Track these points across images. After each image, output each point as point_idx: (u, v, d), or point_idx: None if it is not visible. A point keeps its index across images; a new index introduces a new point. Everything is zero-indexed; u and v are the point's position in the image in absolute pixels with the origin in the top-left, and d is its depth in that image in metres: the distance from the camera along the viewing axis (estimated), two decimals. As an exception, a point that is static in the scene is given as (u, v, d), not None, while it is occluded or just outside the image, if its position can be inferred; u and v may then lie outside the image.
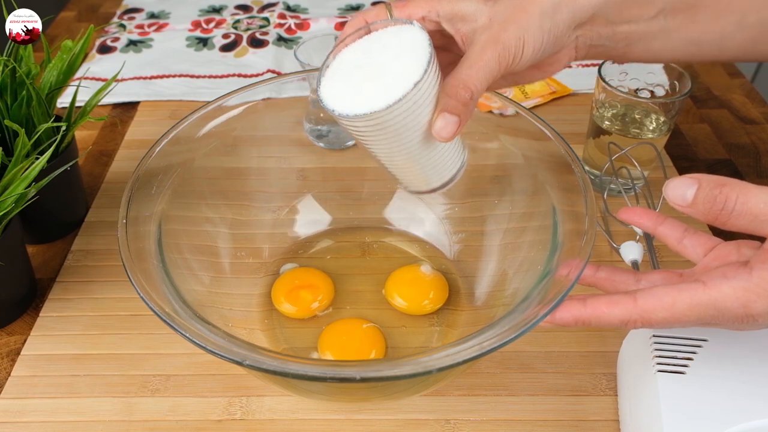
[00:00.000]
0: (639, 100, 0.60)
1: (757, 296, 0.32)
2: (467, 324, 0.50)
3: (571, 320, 0.35)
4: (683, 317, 0.34)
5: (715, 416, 0.38)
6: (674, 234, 0.40)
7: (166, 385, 0.48)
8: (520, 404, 0.47)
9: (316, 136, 0.64)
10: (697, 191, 0.34)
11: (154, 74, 0.84)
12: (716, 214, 0.34)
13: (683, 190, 0.34)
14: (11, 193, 0.47)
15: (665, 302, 0.34)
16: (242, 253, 0.54)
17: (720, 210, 0.33)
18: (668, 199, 0.35)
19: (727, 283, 0.33)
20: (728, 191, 0.33)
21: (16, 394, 0.48)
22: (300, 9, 0.98)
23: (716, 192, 0.33)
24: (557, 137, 0.46)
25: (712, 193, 0.34)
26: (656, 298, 0.34)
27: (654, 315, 0.34)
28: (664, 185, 0.35)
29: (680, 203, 0.34)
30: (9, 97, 0.53)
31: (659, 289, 0.34)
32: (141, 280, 0.38)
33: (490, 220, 0.55)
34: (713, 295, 0.33)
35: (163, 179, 0.46)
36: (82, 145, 0.72)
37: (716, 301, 0.33)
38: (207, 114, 0.50)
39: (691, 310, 0.33)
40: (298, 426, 0.46)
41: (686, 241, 0.40)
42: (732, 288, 0.33)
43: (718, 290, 0.33)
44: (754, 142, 0.72)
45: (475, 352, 0.34)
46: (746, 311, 0.33)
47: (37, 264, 0.58)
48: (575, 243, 0.40)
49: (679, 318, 0.34)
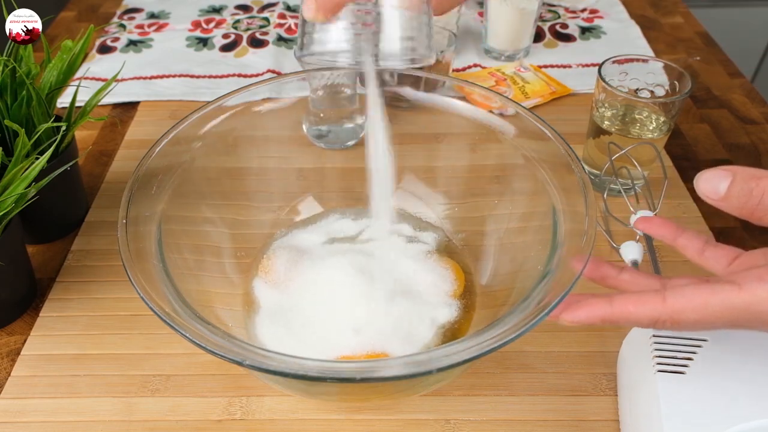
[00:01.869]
0: (639, 100, 0.60)
1: None
2: (467, 324, 0.50)
3: (597, 320, 0.34)
4: (715, 320, 0.32)
5: (715, 416, 0.38)
6: (695, 245, 0.39)
7: (166, 385, 0.48)
8: (520, 404, 0.47)
9: (316, 136, 0.64)
10: (731, 184, 0.32)
11: (154, 74, 0.84)
12: (752, 209, 0.32)
13: (716, 183, 0.32)
14: (11, 193, 0.47)
15: (696, 303, 0.32)
16: (242, 253, 0.54)
17: (756, 204, 0.31)
18: (700, 191, 0.33)
19: (764, 286, 0.31)
20: (766, 184, 0.31)
21: (16, 394, 0.48)
22: (300, 9, 0.98)
23: (752, 185, 0.31)
24: (557, 137, 0.46)
25: (748, 186, 0.31)
26: (686, 299, 0.32)
27: (684, 316, 0.32)
28: (696, 177, 0.33)
29: (712, 196, 0.32)
30: (9, 97, 0.53)
31: (690, 288, 0.32)
32: (141, 280, 0.38)
33: (490, 220, 0.55)
34: (748, 299, 0.31)
35: (163, 179, 0.46)
36: (82, 145, 0.72)
37: (751, 305, 0.31)
38: (207, 114, 0.50)
39: (724, 314, 0.32)
40: (298, 426, 0.46)
41: (708, 253, 0.38)
42: (765, 289, 0.31)
43: (753, 294, 0.31)
44: (754, 142, 0.72)
45: (475, 352, 0.34)
46: None
47: (37, 264, 0.58)
48: (575, 243, 0.40)
49: (711, 321, 0.32)
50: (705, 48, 0.89)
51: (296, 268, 0.52)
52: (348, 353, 0.45)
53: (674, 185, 0.65)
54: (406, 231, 0.56)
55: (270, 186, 0.58)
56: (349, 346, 0.46)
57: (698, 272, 0.39)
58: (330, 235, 0.56)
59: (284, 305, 0.49)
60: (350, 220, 0.57)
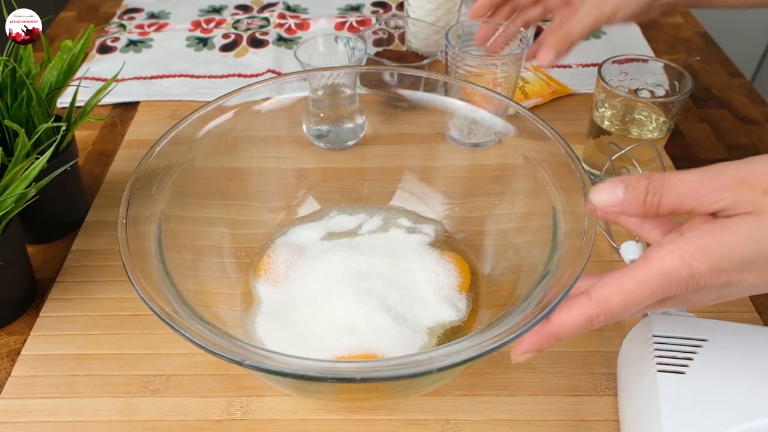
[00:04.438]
0: (639, 100, 0.60)
1: (691, 255, 0.32)
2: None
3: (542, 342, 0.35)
4: (637, 296, 0.33)
5: (715, 416, 0.38)
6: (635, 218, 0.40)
7: (166, 385, 0.48)
8: (520, 404, 0.47)
9: (316, 136, 0.64)
10: (625, 188, 0.35)
11: (154, 74, 0.84)
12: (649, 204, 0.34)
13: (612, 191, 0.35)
14: (11, 193, 0.47)
15: (614, 287, 0.34)
16: (242, 252, 0.54)
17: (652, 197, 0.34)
18: (599, 203, 0.35)
19: (663, 249, 0.33)
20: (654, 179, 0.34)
21: (16, 394, 0.48)
22: (300, 9, 0.98)
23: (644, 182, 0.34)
24: (557, 137, 0.46)
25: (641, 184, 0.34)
26: (606, 287, 0.34)
27: (610, 303, 0.34)
28: (590, 193, 0.36)
29: (612, 203, 0.35)
30: (9, 97, 0.53)
31: (607, 276, 0.34)
32: (141, 280, 0.38)
33: (490, 220, 0.55)
34: (654, 266, 0.33)
35: (163, 179, 0.46)
36: (82, 145, 0.72)
37: (659, 270, 0.33)
38: (207, 114, 0.50)
39: (640, 287, 0.33)
40: (298, 426, 0.46)
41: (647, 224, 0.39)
42: (668, 251, 0.33)
43: (657, 259, 0.33)
44: (754, 142, 0.72)
45: (475, 352, 0.34)
46: (690, 272, 0.32)
47: (37, 264, 0.58)
48: (575, 243, 0.40)
49: (634, 298, 0.33)
50: (705, 48, 0.89)
51: (295, 266, 0.52)
52: (344, 353, 0.45)
53: (674, 185, 0.65)
54: (405, 224, 0.56)
55: (270, 186, 0.58)
56: (345, 345, 0.46)
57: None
58: (329, 230, 0.56)
59: (283, 304, 0.49)
60: (348, 215, 0.57)
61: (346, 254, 0.51)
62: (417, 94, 0.55)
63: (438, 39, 0.76)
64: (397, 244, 0.54)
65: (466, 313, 0.49)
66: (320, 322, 0.47)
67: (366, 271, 0.50)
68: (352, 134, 0.65)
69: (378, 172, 0.60)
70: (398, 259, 0.52)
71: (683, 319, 0.44)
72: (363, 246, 0.53)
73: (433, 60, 0.73)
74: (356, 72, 0.60)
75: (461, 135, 0.61)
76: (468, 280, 0.51)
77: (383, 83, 0.56)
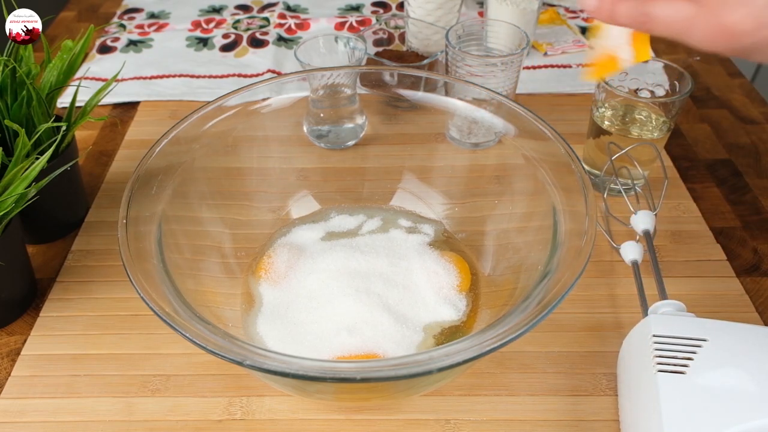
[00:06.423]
0: (639, 100, 0.60)
1: None
2: (467, 324, 0.50)
3: None
4: None
5: (715, 416, 0.38)
6: None
7: (166, 385, 0.48)
8: (520, 404, 0.47)
9: (316, 136, 0.64)
10: None
11: (154, 74, 0.84)
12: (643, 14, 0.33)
13: None
14: (11, 193, 0.47)
15: None
16: (242, 252, 0.54)
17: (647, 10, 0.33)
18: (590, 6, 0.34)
19: None
20: None
21: (16, 394, 0.48)
22: (300, 9, 0.98)
23: None
24: (557, 137, 0.46)
25: None
26: None
27: None
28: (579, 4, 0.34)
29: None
30: (9, 97, 0.53)
31: None
32: (141, 280, 0.38)
33: (490, 220, 0.55)
34: None
35: (163, 179, 0.46)
36: (82, 145, 0.72)
37: None
38: (207, 114, 0.50)
39: None
40: (298, 426, 0.46)
41: None
42: None
43: None
44: (754, 142, 0.72)
45: (475, 352, 0.34)
46: None
47: (37, 264, 0.58)
48: (575, 243, 0.40)
49: None
50: (705, 48, 0.89)
51: (295, 266, 0.52)
52: (344, 353, 0.45)
53: (674, 185, 0.65)
54: (405, 224, 0.56)
55: (270, 186, 0.58)
56: (345, 345, 0.46)
57: (698, 272, 0.39)
58: (329, 230, 0.56)
59: (283, 304, 0.49)
60: (348, 215, 0.57)
61: (346, 254, 0.51)
62: (417, 94, 0.55)
63: (438, 39, 0.76)
64: (397, 244, 0.54)
65: (466, 313, 0.49)
66: (320, 322, 0.47)
67: (366, 271, 0.50)
68: (352, 134, 0.65)
69: (378, 172, 0.60)
70: (398, 259, 0.52)
71: (683, 319, 0.44)
72: (363, 246, 0.53)
73: (433, 60, 0.73)
74: (356, 72, 0.60)
75: (461, 135, 0.61)
76: (468, 280, 0.51)
77: (383, 83, 0.56)
